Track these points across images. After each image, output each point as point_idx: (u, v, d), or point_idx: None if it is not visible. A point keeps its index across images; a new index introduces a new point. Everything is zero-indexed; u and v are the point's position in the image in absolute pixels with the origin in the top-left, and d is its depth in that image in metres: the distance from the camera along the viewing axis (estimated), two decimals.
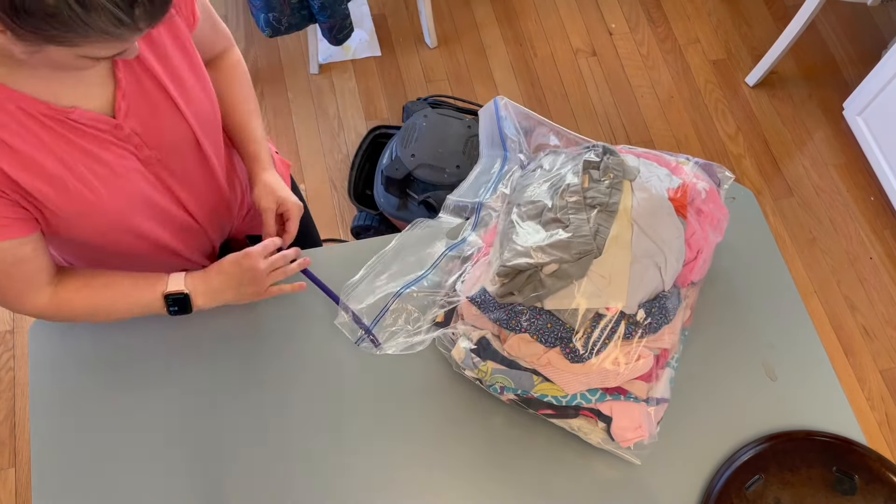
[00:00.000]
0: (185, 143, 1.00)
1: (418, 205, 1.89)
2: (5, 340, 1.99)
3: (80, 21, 0.69)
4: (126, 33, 0.74)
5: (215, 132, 1.06)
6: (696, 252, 1.07)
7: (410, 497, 1.06)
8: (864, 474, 1.07)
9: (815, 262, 2.22)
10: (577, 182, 1.04)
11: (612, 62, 2.55)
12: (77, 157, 0.88)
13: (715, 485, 1.06)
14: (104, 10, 0.69)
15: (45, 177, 0.86)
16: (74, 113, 0.86)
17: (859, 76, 2.34)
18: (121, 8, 0.70)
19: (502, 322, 1.02)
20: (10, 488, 1.82)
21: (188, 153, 1.01)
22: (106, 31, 0.72)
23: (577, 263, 0.97)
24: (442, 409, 1.12)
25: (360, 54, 2.51)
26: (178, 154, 1.00)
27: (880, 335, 2.12)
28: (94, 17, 0.70)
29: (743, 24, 2.64)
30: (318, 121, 2.39)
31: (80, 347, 1.14)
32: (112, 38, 0.74)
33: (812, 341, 1.19)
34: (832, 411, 1.13)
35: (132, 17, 0.72)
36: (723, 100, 2.48)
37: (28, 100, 0.83)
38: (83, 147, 0.88)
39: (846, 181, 2.35)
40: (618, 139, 2.41)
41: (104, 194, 0.92)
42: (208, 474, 1.06)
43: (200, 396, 1.11)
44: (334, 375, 1.14)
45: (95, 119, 0.88)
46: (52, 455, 1.07)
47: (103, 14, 0.70)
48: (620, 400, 1.03)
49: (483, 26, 2.59)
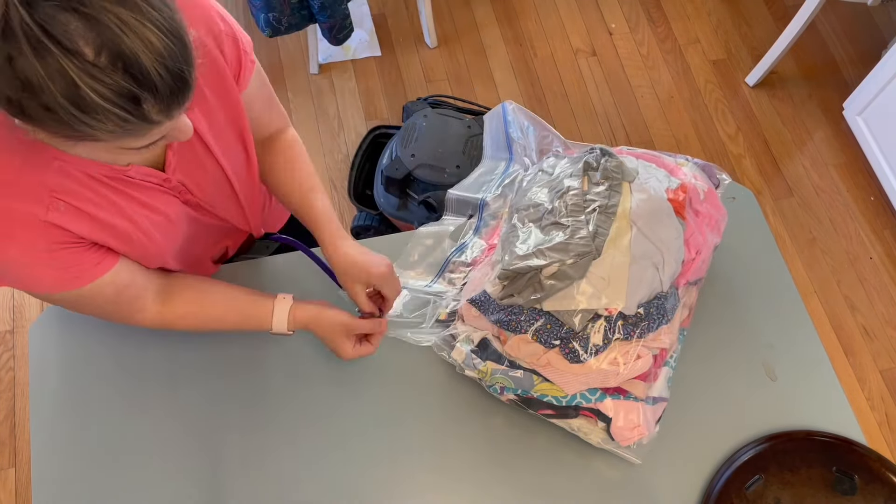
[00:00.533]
0: (221, 187, 1.04)
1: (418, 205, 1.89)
2: (5, 340, 1.99)
3: (82, 123, 0.65)
4: (139, 128, 0.68)
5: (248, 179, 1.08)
6: (695, 252, 1.08)
7: (410, 497, 1.06)
8: (864, 474, 1.07)
9: (815, 262, 2.22)
10: (576, 185, 1.05)
11: (612, 62, 2.55)
12: (138, 210, 0.92)
13: (715, 485, 1.06)
14: (106, 113, 0.64)
15: (114, 234, 0.90)
16: (131, 170, 0.88)
17: (859, 76, 2.34)
18: (124, 108, 0.65)
19: (502, 323, 1.02)
20: (10, 488, 1.82)
21: (222, 194, 1.05)
22: (113, 131, 0.67)
23: (577, 265, 0.98)
24: (442, 409, 1.12)
25: (360, 54, 2.51)
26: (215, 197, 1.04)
27: (880, 335, 2.12)
28: (96, 120, 0.65)
29: (743, 24, 2.64)
30: (318, 121, 2.39)
31: (80, 347, 1.14)
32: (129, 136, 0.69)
33: (812, 341, 1.19)
34: (832, 411, 1.13)
35: (141, 114, 0.66)
36: (723, 100, 2.48)
37: (90, 164, 0.84)
38: (140, 200, 0.92)
39: (846, 181, 2.35)
40: (618, 139, 2.41)
41: (160, 240, 0.96)
42: (208, 474, 1.06)
43: (201, 396, 1.11)
44: (334, 374, 1.14)
45: (149, 174, 0.91)
46: (52, 455, 1.07)
47: (104, 116, 0.65)
48: (620, 399, 1.03)
49: (483, 26, 2.59)
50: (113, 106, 0.64)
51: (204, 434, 1.09)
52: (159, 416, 1.10)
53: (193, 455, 1.08)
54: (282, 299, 1.07)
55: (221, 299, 1.07)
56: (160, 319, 1.03)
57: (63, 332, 1.14)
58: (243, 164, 1.05)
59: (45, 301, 0.96)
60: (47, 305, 1.21)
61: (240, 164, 1.04)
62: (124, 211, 0.90)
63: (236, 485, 1.06)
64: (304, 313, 1.07)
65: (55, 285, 0.89)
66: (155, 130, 0.71)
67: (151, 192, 0.93)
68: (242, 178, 1.06)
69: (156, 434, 1.09)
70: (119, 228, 0.90)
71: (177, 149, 0.93)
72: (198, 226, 1.05)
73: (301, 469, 1.08)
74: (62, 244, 0.85)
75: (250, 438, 1.09)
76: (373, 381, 1.13)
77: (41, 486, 1.05)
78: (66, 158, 0.82)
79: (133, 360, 1.13)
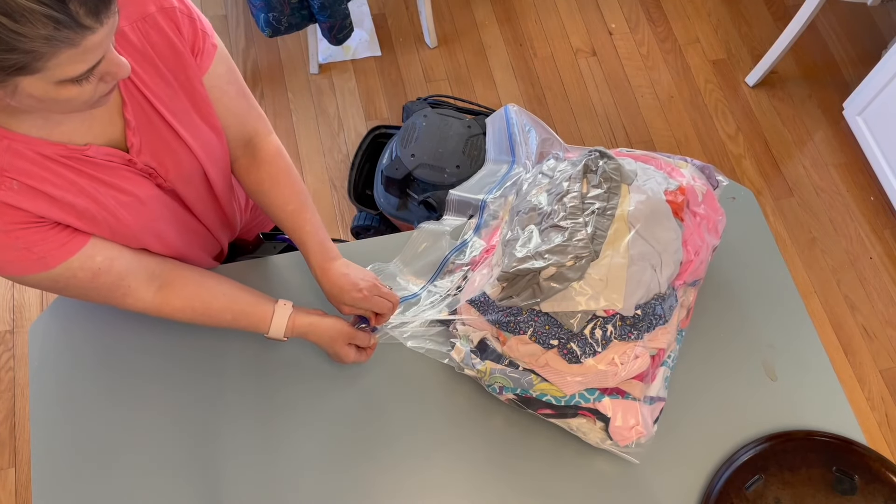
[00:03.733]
0: (195, 174, 1.03)
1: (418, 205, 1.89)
2: (5, 340, 1.99)
3: (14, 34, 0.65)
4: (73, 34, 0.68)
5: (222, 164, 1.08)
6: (693, 254, 1.08)
7: (410, 496, 1.06)
8: (864, 474, 1.07)
9: (815, 261, 2.22)
10: (575, 187, 1.05)
11: (612, 62, 2.55)
12: (101, 190, 0.91)
13: (715, 485, 1.06)
14: (33, 14, 0.65)
15: (75, 213, 0.89)
16: (89, 149, 0.88)
17: (859, 76, 2.34)
18: (50, 6, 0.65)
19: (501, 324, 1.02)
20: (10, 488, 1.82)
21: (198, 182, 1.05)
22: (47, 36, 0.67)
23: (575, 267, 0.98)
24: (442, 409, 1.12)
25: (360, 54, 2.51)
26: (190, 184, 1.03)
27: (880, 335, 2.12)
28: (26, 25, 0.65)
29: (743, 23, 2.64)
30: (318, 121, 2.39)
31: (80, 347, 1.14)
32: (64, 47, 0.69)
33: (812, 341, 1.19)
34: (832, 411, 1.13)
35: (68, 13, 0.66)
36: (723, 100, 2.48)
37: (42, 143, 0.84)
38: (103, 179, 0.91)
39: (846, 181, 2.35)
40: (618, 139, 2.41)
41: (130, 220, 0.95)
42: (208, 474, 1.07)
43: (200, 396, 1.11)
44: (331, 372, 1.14)
45: (109, 154, 0.91)
46: (52, 455, 1.07)
47: (34, 19, 0.65)
48: (618, 399, 1.03)
49: (483, 26, 2.59)
50: (38, 4, 0.65)
51: (204, 434, 1.09)
52: (159, 417, 1.10)
53: (193, 455, 1.08)
54: (282, 305, 1.08)
55: (221, 295, 1.06)
56: (155, 308, 1.03)
57: (63, 332, 1.14)
58: (216, 150, 1.03)
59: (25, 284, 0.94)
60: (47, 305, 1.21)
61: (213, 150, 1.02)
62: (85, 190, 0.89)
63: (236, 484, 1.06)
64: (303, 321, 1.08)
65: (22, 268, 0.88)
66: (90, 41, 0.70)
67: (117, 171, 0.92)
68: (220, 166, 1.05)
69: (155, 434, 1.09)
70: (80, 207, 0.89)
71: (136, 128, 0.91)
72: (175, 211, 1.04)
73: (300, 469, 1.07)
74: (20, 224, 0.85)
75: (250, 438, 1.09)
76: (371, 381, 1.13)
77: (41, 486, 1.05)
78: (15, 137, 0.82)
79: (133, 360, 1.13)
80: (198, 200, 1.07)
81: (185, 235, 1.09)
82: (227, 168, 1.10)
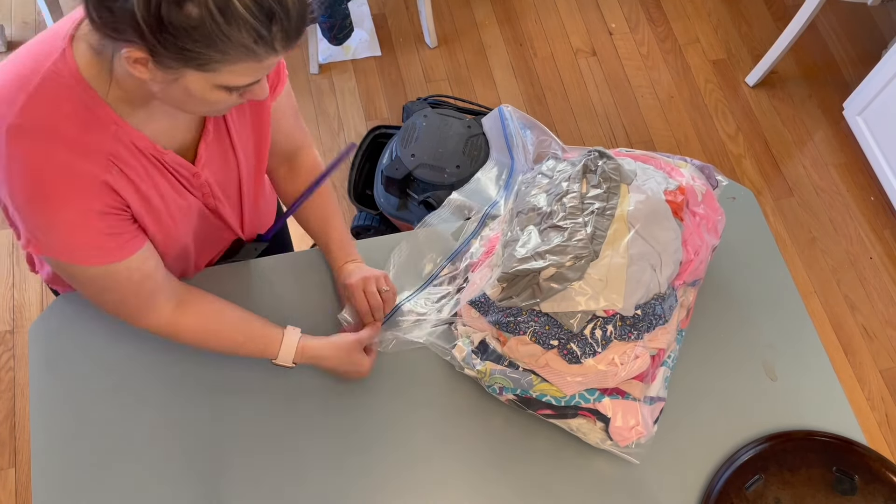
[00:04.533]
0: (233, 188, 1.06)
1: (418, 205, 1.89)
2: (5, 340, 1.99)
3: (221, 34, 0.71)
4: (263, 52, 0.74)
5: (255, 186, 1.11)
6: (693, 254, 1.08)
7: (410, 496, 1.06)
8: (864, 474, 1.07)
9: (815, 261, 2.22)
10: (575, 187, 1.05)
11: (612, 62, 2.55)
12: (168, 191, 0.94)
13: (715, 485, 1.06)
14: (245, 23, 0.71)
15: (149, 208, 0.92)
16: (168, 155, 0.91)
17: (859, 76, 2.34)
18: (260, 22, 0.71)
19: (501, 325, 1.02)
20: (10, 488, 1.82)
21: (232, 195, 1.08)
22: (245, 45, 0.72)
23: (575, 267, 0.98)
24: (441, 410, 1.12)
25: (360, 54, 2.51)
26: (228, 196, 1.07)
27: (880, 335, 2.12)
28: (235, 30, 0.71)
29: (743, 24, 2.64)
30: (318, 121, 2.39)
31: (80, 348, 1.14)
32: (249, 59, 0.75)
33: (812, 341, 1.19)
34: (832, 411, 1.13)
35: (270, 32, 0.73)
36: (723, 100, 2.48)
37: (140, 136, 0.87)
38: (171, 182, 0.94)
39: (846, 181, 2.35)
40: (618, 139, 2.41)
41: (182, 227, 1.00)
42: (207, 474, 1.06)
43: (201, 397, 1.11)
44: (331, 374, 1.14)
45: (181, 164, 0.94)
46: (52, 455, 1.07)
47: (243, 27, 0.71)
48: (618, 399, 1.03)
49: (483, 26, 2.59)
50: (252, 17, 0.70)
51: (203, 435, 1.09)
52: (159, 417, 1.10)
53: (193, 455, 1.08)
54: (291, 331, 1.08)
55: (235, 317, 1.07)
56: (170, 327, 1.03)
57: (63, 332, 1.14)
58: (252, 173, 1.07)
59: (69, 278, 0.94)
60: (47, 305, 1.21)
61: (250, 172, 1.06)
62: (159, 188, 0.92)
63: (235, 483, 1.06)
64: (313, 344, 1.08)
65: (95, 256, 0.89)
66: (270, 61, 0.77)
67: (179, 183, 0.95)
68: (250, 186, 1.09)
69: (155, 434, 1.09)
70: (153, 204, 0.92)
71: (210, 144, 0.95)
72: (204, 222, 1.06)
73: (300, 468, 1.07)
74: (113, 209, 0.87)
75: (249, 438, 1.09)
76: (372, 381, 1.13)
77: (41, 486, 1.05)
78: (122, 125, 0.84)
79: (133, 360, 1.13)
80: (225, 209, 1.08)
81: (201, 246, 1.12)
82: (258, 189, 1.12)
